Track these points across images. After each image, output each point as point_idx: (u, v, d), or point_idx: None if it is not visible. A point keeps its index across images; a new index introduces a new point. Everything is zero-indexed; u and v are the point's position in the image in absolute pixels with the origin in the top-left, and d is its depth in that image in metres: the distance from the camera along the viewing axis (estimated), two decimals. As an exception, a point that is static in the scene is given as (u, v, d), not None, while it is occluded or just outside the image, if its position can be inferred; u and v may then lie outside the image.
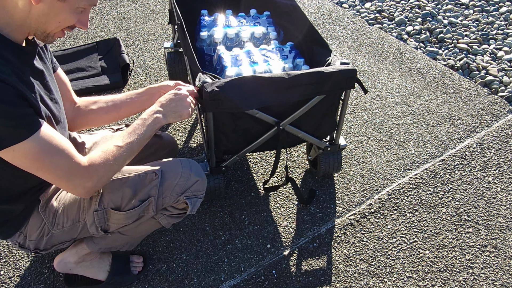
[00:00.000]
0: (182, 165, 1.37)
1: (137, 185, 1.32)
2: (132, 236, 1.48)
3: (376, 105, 2.49)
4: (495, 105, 2.48)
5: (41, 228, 1.33)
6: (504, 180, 2.03)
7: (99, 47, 2.82)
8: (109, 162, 1.19)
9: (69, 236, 1.38)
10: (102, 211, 1.32)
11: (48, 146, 1.08)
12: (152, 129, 1.28)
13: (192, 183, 1.35)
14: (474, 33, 3.15)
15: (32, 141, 1.05)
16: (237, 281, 1.63)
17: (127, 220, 1.34)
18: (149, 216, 1.38)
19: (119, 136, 1.25)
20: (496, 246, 1.76)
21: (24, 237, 1.34)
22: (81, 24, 1.15)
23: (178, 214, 1.42)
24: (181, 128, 2.30)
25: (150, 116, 1.29)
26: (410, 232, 1.81)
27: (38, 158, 1.07)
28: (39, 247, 1.36)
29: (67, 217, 1.34)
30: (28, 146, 1.05)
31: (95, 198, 1.31)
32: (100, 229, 1.35)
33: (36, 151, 1.06)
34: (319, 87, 1.54)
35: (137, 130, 1.26)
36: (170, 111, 1.31)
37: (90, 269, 1.55)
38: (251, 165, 2.09)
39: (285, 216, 1.86)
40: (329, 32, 3.13)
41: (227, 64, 1.68)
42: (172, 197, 1.34)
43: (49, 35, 1.14)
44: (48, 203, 1.34)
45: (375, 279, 1.64)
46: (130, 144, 1.23)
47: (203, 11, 2.05)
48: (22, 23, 1.09)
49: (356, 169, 2.08)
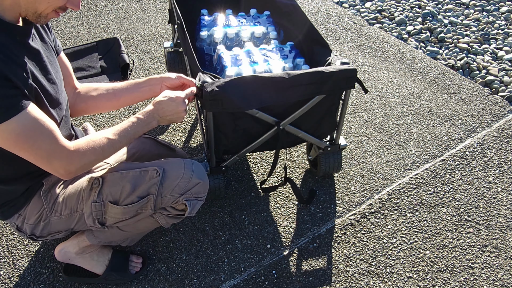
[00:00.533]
0: (185, 166, 1.37)
1: (137, 181, 1.33)
2: (131, 232, 1.49)
3: (376, 105, 2.48)
4: (496, 105, 2.48)
5: (40, 212, 1.34)
6: (504, 180, 2.03)
7: (98, 47, 2.82)
8: (96, 152, 1.21)
9: (66, 225, 1.38)
10: (100, 203, 1.32)
11: (32, 127, 1.08)
12: (143, 130, 1.31)
13: (193, 185, 1.35)
14: (474, 32, 3.14)
15: (15, 122, 1.05)
16: (237, 281, 1.62)
17: (124, 215, 1.35)
18: (147, 214, 1.38)
19: (111, 129, 1.27)
20: (497, 246, 1.76)
21: (22, 220, 1.35)
22: (72, 4, 1.14)
23: (177, 215, 1.42)
24: (181, 128, 2.30)
25: (145, 117, 1.31)
26: (410, 232, 1.80)
27: (20, 140, 1.08)
28: (35, 233, 1.37)
29: (66, 206, 1.34)
30: (11, 127, 1.05)
31: (94, 189, 1.32)
32: (97, 221, 1.35)
33: (18, 132, 1.06)
34: (319, 87, 1.54)
35: (130, 128, 1.28)
36: (164, 116, 1.33)
37: (89, 262, 1.56)
38: (251, 165, 2.09)
39: (285, 216, 1.86)
40: (329, 31, 3.13)
41: (227, 64, 1.68)
42: (172, 197, 1.34)
43: (41, 15, 1.13)
44: (51, 188, 1.35)
45: (375, 279, 1.64)
46: (119, 139, 1.26)
47: (203, 11, 2.05)
48: (12, 3, 1.08)
49: (356, 169, 2.08)
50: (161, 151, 1.66)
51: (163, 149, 1.67)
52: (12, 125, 1.05)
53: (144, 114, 1.31)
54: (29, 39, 1.18)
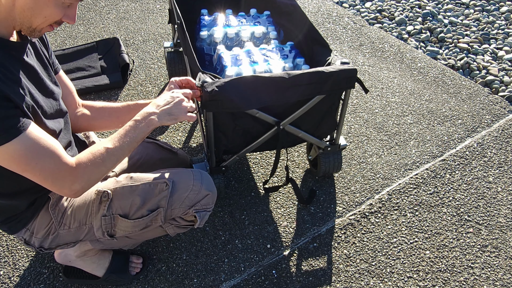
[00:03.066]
0: (194, 177, 1.35)
1: (147, 194, 1.32)
2: (137, 239, 1.50)
3: (376, 104, 2.48)
4: (496, 104, 2.48)
5: (49, 226, 1.33)
6: (504, 180, 2.03)
7: (98, 47, 2.82)
8: (98, 164, 1.15)
9: (74, 237, 1.38)
10: (110, 216, 1.32)
11: (34, 147, 1.05)
12: (145, 131, 1.22)
13: (202, 196, 1.34)
14: (474, 32, 3.14)
15: (17, 143, 1.02)
16: (237, 281, 1.62)
17: (134, 228, 1.35)
18: (157, 225, 1.38)
19: (110, 138, 1.21)
20: (497, 246, 1.76)
21: (30, 234, 1.34)
22: (68, 18, 1.11)
23: (186, 225, 1.42)
24: (181, 128, 2.30)
25: (143, 118, 1.23)
26: (410, 232, 1.80)
27: (23, 160, 1.05)
28: (43, 246, 1.36)
29: (74, 219, 1.34)
30: (12, 148, 1.02)
31: (104, 203, 1.31)
32: (106, 234, 1.35)
33: (21, 153, 1.03)
34: (319, 87, 1.54)
35: (129, 133, 1.21)
36: (165, 113, 1.25)
37: (90, 264, 1.56)
38: (251, 165, 2.09)
39: (285, 216, 1.86)
40: (329, 31, 3.13)
41: (227, 64, 1.68)
42: (182, 209, 1.34)
43: (35, 30, 1.11)
44: (58, 202, 1.34)
45: (375, 279, 1.64)
46: (120, 147, 1.19)
47: (203, 11, 2.05)
48: (7, 16, 1.06)
49: (357, 169, 2.08)
50: (164, 155, 1.65)
51: (166, 153, 1.66)
52: (14, 146, 1.02)
53: (140, 114, 1.25)
54: (24, 55, 1.15)
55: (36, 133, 1.07)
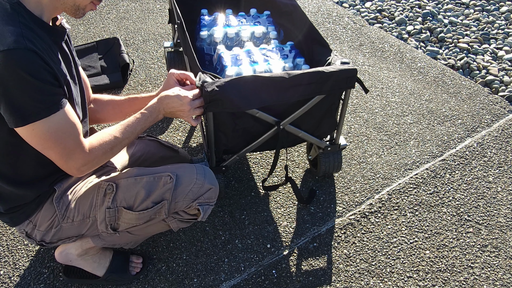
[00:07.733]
0: (197, 171, 1.39)
1: (151, 187, 1.34)
2: (139, 235, 1.50)
3: (376, 104, 2.48)
4: (496, 104, 2.48)
5: (52, 219, 1.34)
6: (504, 180, 2.03)
7: (99, 47, 2.82)
8: (106, 151, 1.25)
9: (77, 231, 1.38)
10: (114, 209, 1.34)
11: (65, 125, 1.13)
12: (150, 124, 1.34)
13: (205, 190, 1.37)
14: (474, 32, 3.14)
15: (53, 119, 1.10)
16: (237, 281, 1.62)
17: (138, 220, 1.36)
18: (160, 219, 1.39)
19: (119, 126, 1.30)
20: (497, 246, 1.76)
21: (33, 226, 1.34)
22: None
23: (189, 219, 1.44)
24: (181, 127, 2.30)
25: (149, 112, 1.34)
26: (410, 232, 1.80)
27: (53, 136, 1.12)
28: (45, 239, 1.37)
29: (78, 212, 1.35)
30: (47, 125, 1.09)
31: (109, 195, 1.34)
32: (109, 227, 1.36)
33: (53, 129, 1.11)
34: (319, 87, 1.54)
35: (136, 124, 1.31)
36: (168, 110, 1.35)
37: (91, 264, 1.56)
38: (251, 165, 2.09)
39: (285, 216, 1.86)
40: (329, 31, 3.13)
41: (227, 64, 1.68)
42: (185, 202, 1.36)
43: (79, 8, 1.17)
44: (63, 194, 1.35)
45: (375, 279, 1.64)
46: (127, 135, 1.29)
47: (203, 11, 2.05)
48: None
49: (356, 168, 2.08)
50: (165, 153, 1.69)
51: (167, 151, 1.70)
52: (49, 123, 1.09)
53: (149, 109, 1.34)
54: (63, 42, 1.23)
55: (70, 113, 1.15)
